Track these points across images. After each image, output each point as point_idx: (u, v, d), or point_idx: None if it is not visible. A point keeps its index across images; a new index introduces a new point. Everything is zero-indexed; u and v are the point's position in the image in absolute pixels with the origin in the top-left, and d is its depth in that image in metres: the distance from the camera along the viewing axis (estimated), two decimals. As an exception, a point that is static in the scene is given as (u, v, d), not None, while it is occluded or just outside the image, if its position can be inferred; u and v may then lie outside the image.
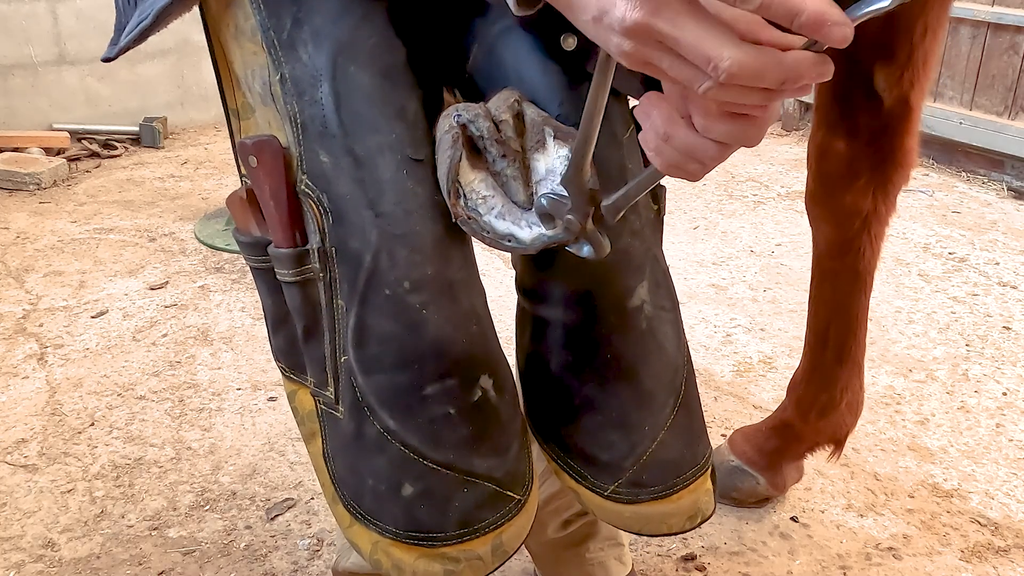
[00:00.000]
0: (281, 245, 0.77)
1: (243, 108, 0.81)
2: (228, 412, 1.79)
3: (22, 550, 1.42)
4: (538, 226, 0.72)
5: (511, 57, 0.78)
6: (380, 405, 0.75)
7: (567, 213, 0.70)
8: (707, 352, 2.01)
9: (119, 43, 0.79)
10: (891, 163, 1.20)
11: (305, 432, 0.84)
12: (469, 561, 0.78)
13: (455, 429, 0.75)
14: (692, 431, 0.88)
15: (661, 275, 0.85)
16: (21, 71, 3.44)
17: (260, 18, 0.74)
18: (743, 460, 1.48)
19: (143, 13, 0.76)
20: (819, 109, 1.23)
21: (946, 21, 1.13)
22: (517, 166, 0.73)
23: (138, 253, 2.58)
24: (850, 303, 1.31)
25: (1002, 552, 1.40)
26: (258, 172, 0.75)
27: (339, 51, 0.73)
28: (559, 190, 0.70)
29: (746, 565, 1.38)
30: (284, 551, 1.41)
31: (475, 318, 0.77)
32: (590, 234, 0.70)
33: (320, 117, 0.73)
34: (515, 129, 0.72)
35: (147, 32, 0.76)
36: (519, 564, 1.35)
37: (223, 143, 3.69)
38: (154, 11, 0.75)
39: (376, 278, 0.73)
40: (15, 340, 2.08)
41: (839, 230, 1.26)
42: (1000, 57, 3.05)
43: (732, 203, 2.99)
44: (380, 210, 0.72)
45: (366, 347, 0.74)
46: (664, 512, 0.87)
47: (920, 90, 1.16)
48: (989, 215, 2.86)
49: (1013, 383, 1.88)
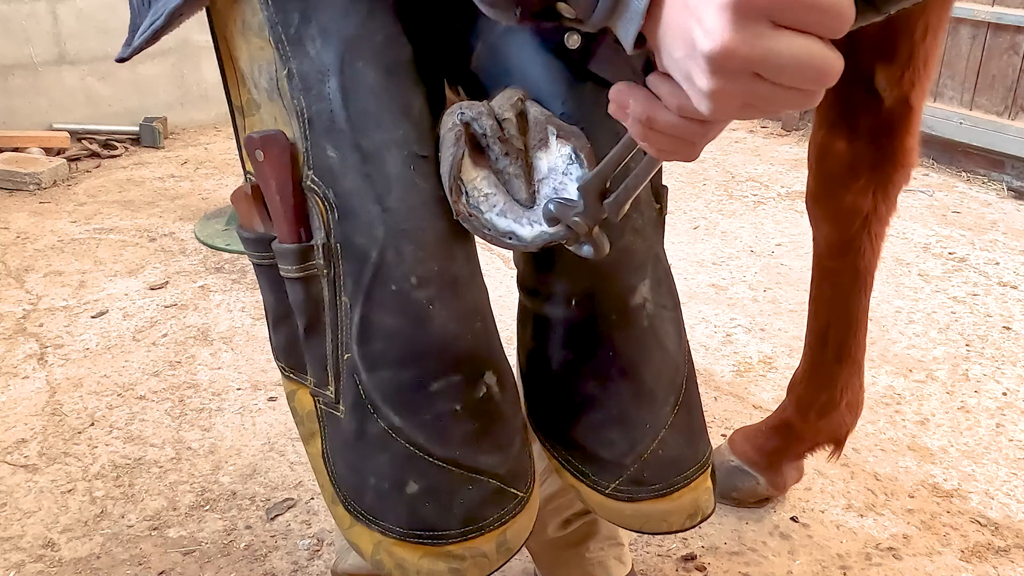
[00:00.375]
0: (285, 241, 0.77)
1: (248, 104, 0.81)
2: (228, 412, 1.79)
3: (22, 550, 1.42)
4: (539, 224, 0.72)
5: (515, 55, 0.78)
6: (384, 402, 0.75)
7: (574, 216, 0.70)
8: (707, 352, 2.01)
9: (132, 44, 0.80)
10: (891, 163, 1.20)
11: (304, 432, 0.84)
12: (474, 559, 0.78)
13: (460, 425, 0.75)
14: (693, 429, 0.88)
15: (663, 274, 0.86)
16: (21, 71, 3.44)
17: (267, 13, 0.75)
18: (743, 460, 1.48)
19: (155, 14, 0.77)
20: (820, 108, 1.23)
21: (947, 21, 1.13)
22: (519, 164, 0.73)
23: (138, 253, 2.58)
24: (850, 303, 1.31)
25: (1002, 552, 1.40)
26: (264, 167, 0.76)
27: (346, 47, 0.74)
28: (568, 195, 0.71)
29: (746, 565, 1.38)
30: (284, 551, 1.41)
31: (479, 314, 0.77)
32: (595, 236, 0.71)
33: (327, 112, 0.74)
34: (518, 127, 0.72)
35: (159, 33, 0.77)
36: (519, 564, 1.35)
37: (223, 143, 3.69)
38: (166, 12, 0.76)
39: (382, 273, 0.73)
40: (15, 340, 2.08)
41: (839, 230, 1.26)
42: (1000, 57, 3.05)
43: (732, 203, 2.99)
44: (387, 205, 0.73)
45: (371, 343, 0.74)
46: (664, 510, 0.87)
47: (921, 90, 1.16)
48: (989, 215, 2.86)
49: (1013, 383, 1.88)
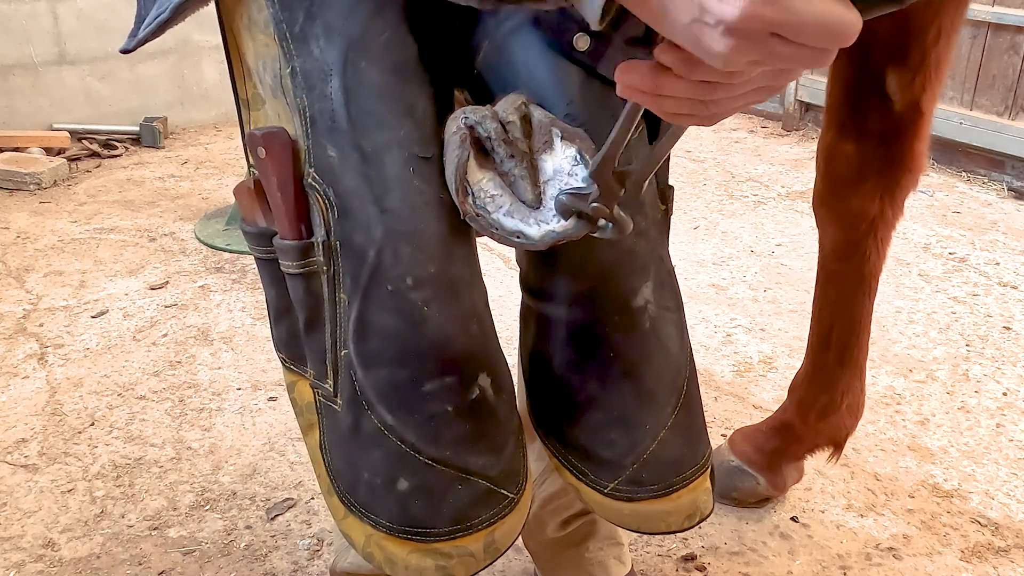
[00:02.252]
0: (286, 237, 0.77)
1: (253, 99, 0.82)
2: (228, 412, 1.79)
3: (22, 550, 1.42)
4: (546, 223, 0.73)
5: (521, 56, 0.79)
6: (379, 400, 0.75)
7: (592, 203, 0.71)
8: (707, 352, 2.01)
9: (137, 35, 0.81)
10: (900, 167, 1.20)
11: (303, 423, 0.85)
12: (461, 557, 0.78)
13: (452, 426, 0.76)
14: (693, 431, 0.88)
15: (666, 275, 0.86)
16: (21, 71, 3.44)
17: (273, 10, 0.75)
18: (743, 460, 1.48)
19: (161, 7, 0.78)
20: (829, 110, 1.22)
21: (960, 26, 1.12)
22: (524, 166, 0.74)
23: (138, 253, 2.58)
24: (854, 306, 1.31)
25: (1002, 552, 1.40)
26: (266, 163, 0.76)
27: (350, 46, 0.74)
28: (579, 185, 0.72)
29: (746, 565, 1.38)
30: (284, 551, 1.41)
31: (476, 317, 0.77)
32: (616, 216, 0.72)
33: (329, 111, 0.74)
34: (522, 130, 0.73)
35: (165, 25, 0.78)
36: (519, 564, 1.35)
37: (223, 143, 3.69)
38: (172, 5, 0.76)
39: (379, 274, 0.73)
40: (15, 340, 2.08)
41: (845, 232, 1.26)
42: (1000, 57, 3.05)
43: (732, 203, 2.99)
44: (385, 206, 0.73)
45: (367, 342, 0.74)
46: (663, 510, 0.87)
47: (932, 95, 1.15)
48: (989, 215, 2.86)
49: (1013, 383, 1.88)
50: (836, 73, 1.19)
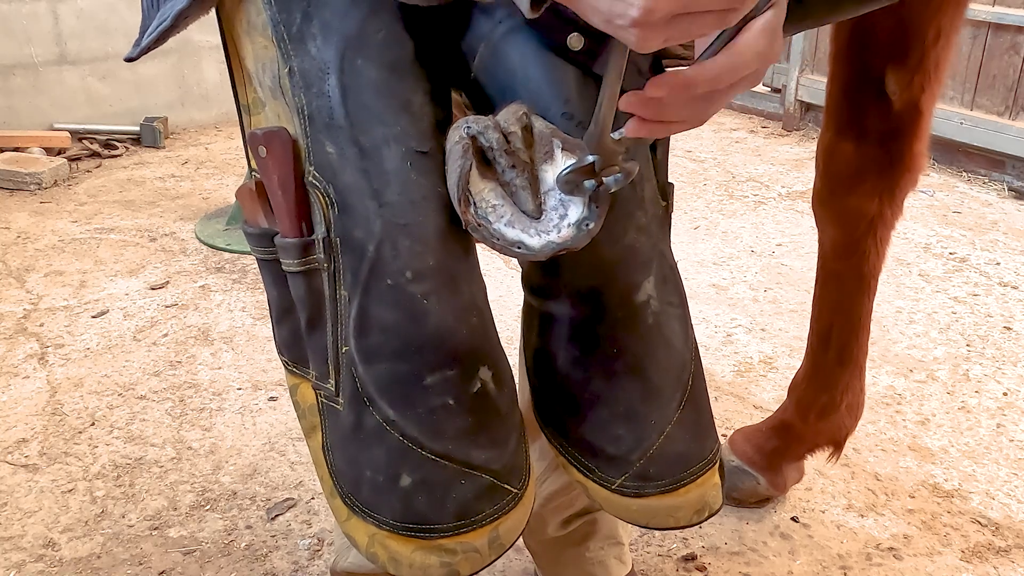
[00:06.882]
0: (288, 235, 0.78)
1: (254, 103, 0.82)
2: (229, 412, 1.79)
3: (23, 550, 1.42)
4: (547, 234, 0.74)
5: (517, 57, 0.79)
6: (380, 395, 0.75)
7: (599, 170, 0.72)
8: (708, 352, 2.01)
9: (141, 44, 0.82)
10: (899, 167, 1.20)
11: (306, 426, 0.85)
12: (466, 554, 0.78)
13: (454, 420, 0.76)
14: (700, 425, 0.88)
15: (668, 271, 0.86)
16: (22, 71, 3.44)
17: (271, 12, 0.76)
18: (743, 460, 1.48)
19: (163, 15, 0.79)
20: (829, 110, 1.22)
21: (960, 26, 1.12)
22: (526, 176, 0.74)
23: (139, 253, 2.58)
24: (853, 305, 1.31)
25: (1003, 552, 1.40)
26: (267, 162, 0.77)
27: (347, 44, 0.75)
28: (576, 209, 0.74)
29: (746, 565, 1.38)
30: (285, 551, 1.41)
31: (476, 310, 0.77)
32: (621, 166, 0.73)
33: (327, 109, 0.75)
34: (524, 141, 0.74)
35: (167, 33, 0.79)
36: (519, 564, 1.35)
37: (224, 143, 3.69)
38: (172, 13, 0.78)
39: (379, 267, 0.73)
40: (16, 340, 2.08)
41: (845, 232, 1.26)
42: (1001, 57, 3.05)
43: (733, 203, 2.99)
44: (384, 200, 0.73)
45: (367, 336, 0.75)
46: (671, 505, 0.87)
47: (931, 95, 1.15)
48: (990, 215, 2.86)
49: (1014, 383, 1.88)
50: (835, 73, 1.20)
